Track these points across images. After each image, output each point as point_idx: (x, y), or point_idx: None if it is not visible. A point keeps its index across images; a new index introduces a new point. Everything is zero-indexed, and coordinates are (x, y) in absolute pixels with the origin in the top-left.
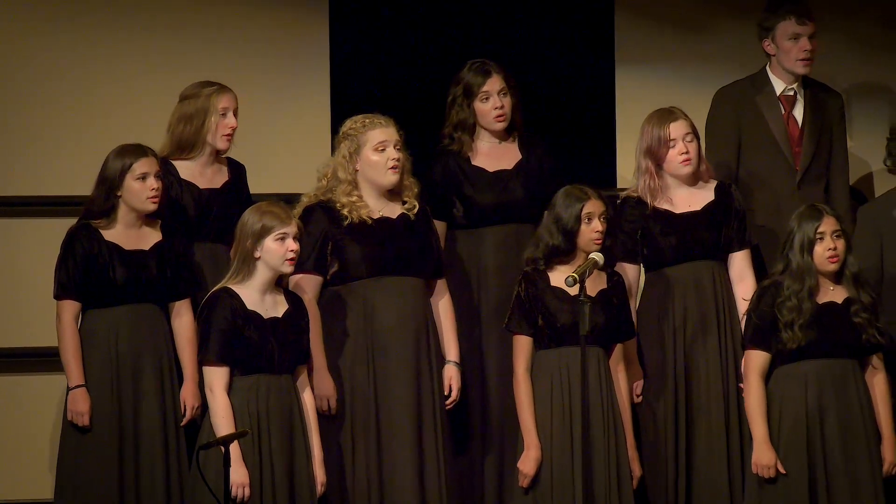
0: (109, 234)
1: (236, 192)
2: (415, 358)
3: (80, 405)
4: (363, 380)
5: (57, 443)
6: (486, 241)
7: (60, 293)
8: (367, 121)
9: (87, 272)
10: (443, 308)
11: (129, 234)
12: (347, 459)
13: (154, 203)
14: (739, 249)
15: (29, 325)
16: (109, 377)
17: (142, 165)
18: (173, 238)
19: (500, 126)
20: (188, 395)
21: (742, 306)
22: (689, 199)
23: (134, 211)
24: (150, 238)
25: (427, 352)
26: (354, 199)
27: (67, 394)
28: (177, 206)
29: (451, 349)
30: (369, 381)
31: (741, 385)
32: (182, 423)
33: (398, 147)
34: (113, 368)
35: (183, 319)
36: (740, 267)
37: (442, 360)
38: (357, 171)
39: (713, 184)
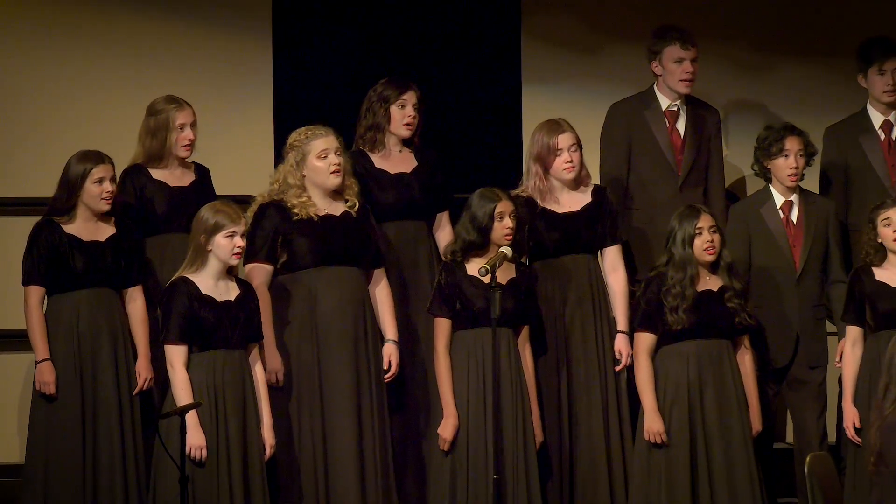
0: (70, 228)
1: (202, 191)
2: (353, 337)
3: (47, 376)
4: (308, 357)
5: (24, 412)
6: (386, 236)
7: (27, 280)
8: (310, 132)
9: (51, 261)
10: (383, 293)
11: (87, 227)
12: (294, 426)
13: (107, 204)
14: (612, 245)
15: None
16: (72, 353)
17: (99, 171)
18: (126, 232)
19: (408, 134)
20: (142, 369)
21: (615, 294)
22: (571, 201)
23: (90, 209)
24: (105, 231)
25: (364, 332)
26: (304, 199)
27: (35, 367)
28: (151, 203)
29: (390, 329)
30: (314, 358)
31: (617, 368)
32: (135, 393)
33: (338, 153)
34: (75, 345)
35: (136, 303)
36: (613, 260)
37: (379, 340)
38: (304, 176)
39: (591, 187)
